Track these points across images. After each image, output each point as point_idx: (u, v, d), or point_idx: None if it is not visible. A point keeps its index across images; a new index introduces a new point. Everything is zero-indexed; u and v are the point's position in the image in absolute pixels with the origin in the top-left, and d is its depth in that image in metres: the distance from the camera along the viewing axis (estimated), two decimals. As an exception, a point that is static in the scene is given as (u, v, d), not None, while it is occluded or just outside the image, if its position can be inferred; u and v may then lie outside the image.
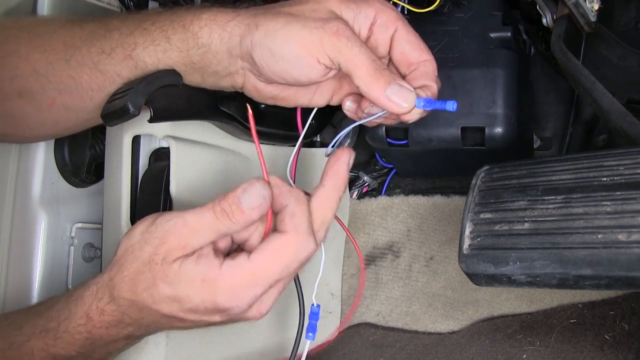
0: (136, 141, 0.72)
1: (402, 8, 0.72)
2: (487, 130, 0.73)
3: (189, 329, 0.58)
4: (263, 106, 0.74)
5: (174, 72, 0.63)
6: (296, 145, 0.64)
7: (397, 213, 0.89)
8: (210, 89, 0.65)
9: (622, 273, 0.48)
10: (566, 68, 0.67)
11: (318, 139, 0.92)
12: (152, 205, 0.70)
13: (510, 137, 0.74)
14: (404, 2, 0.71)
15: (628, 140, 0.59)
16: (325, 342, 0.86)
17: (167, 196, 0.69)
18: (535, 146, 0.88)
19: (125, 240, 0.56)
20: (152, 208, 0.70)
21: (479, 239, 0.57)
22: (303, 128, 0.64)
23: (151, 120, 0.62)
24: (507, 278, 0.55)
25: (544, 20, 0.73)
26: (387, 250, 0.89)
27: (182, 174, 0.69)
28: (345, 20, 0.57)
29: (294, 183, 0.62)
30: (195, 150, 0.71)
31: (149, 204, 0.70)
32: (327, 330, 0.86)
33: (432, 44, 0.77)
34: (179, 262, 0.53)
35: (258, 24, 0.57)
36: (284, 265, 0.54)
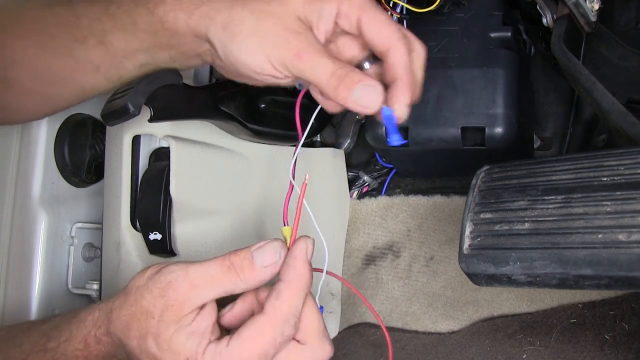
0: (136, 141, 0.72)
1: (402, 8, 0.72)
2: (487, 130, 0.73)
3: None
4: (263, 106, 0.74)
5: (174, 72, 0.63)
6: (296, 147, 0.63)
7: (397, 213, 0.89)
8: (208, 88, 0.65)
9: (622, 273, 0.48)
10: (566, 68, 0.67)
11: (318, 139, 0.92)
12: (152, 205, 0.70)
13: (510, 137, 0.74)
14: (404, 2, 0.71)
15: (628, 140, 0.59)
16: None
17: (167, 196, 0.69)
18: (535, 146, 0.88)
19: (136, 278, 0.55)
20: (152, 208, 0.70)
21: (479, 239, 0.57)
22: (303, 131, 0.63)
23: (151, 120, 0.62)
24: (507, 278, 0.55)
25: (544, 20, 0.73)
26: (387, 250, 0.89)
27: (182, 174, 0.69)
28: (309, 22, 0.56)
29: (294, 179, 0.61)
30: (195, 150, 0.71)
31: (149, 204, 0.70)
32: (328, 330, 0.86)
33: (432, 44, 0.77)
34: (174, 328, 0.51)
35: (225, 26, 0.57)
36: (261, 351, 0.51)
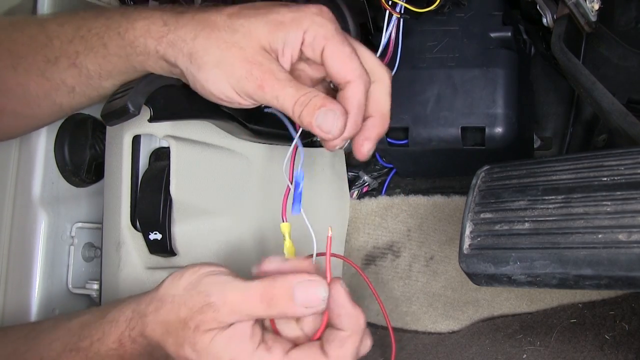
0: (136, 141, 0.72)
1: (402, 8, 0.72)
2: (487, 130, 0.73)
3: None
4: (263, 106, 0.74)
5: (174, 72, 0.63)
6: (292, 147, 0.63)
7: (397, 213, 0.89)
8: None
9: (622, 273, 0.48)
10: (566, 68, 0.67)
11: (318, 139, 0.92)
12: (152, 205, 0.70)
13: (510, 137, 0.74)
14: (404, 2, 0.71)
15: (628, 140, 0.59)
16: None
17: (167, 196, 0.69)
18: (535, 146, 0.88)
19: (170, 283, 0.55)
20: (152, 208, 0.70)
21: (479, 239, 0.57)
22: (296, 131, 0.63)
23: (151, 119, 0.62)
24: (507, 278, 0.55)
25: (544, 20, 0.73)
26: (387, 250, 0.89)
27: (182, 174, 0.69)
28: (274, 50, 0.56)
29: (291, 183, 0.61)
30: (195, 150, 0.71)
31: (149, 204, 0.70)
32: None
33: (432, 44, 0.77)
34: (211, 335, 0.52)
35: (191, 56, 0.57)
36: None
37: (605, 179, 0.53)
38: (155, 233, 0.70)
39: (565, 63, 0.66)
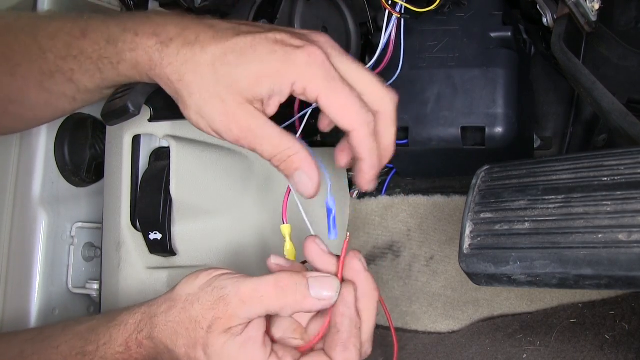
0: (136, 141, 0.72)
1: (402, 7, 0.72)
2: (487, 130, 0.73)
3: None
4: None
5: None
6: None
7: (397, 213, 0.89)
8: None
9: (623, 273, 0.48)
10: (566, 68, 0.67)
11: (318, 139, 0.92)
12: (152, 204, 0.70)
13: (510, 137, 0.74)
14: (404, 2, 0.71)
15: (628, 140, 0.59)
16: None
17: (167, 196, 0.69)
18: (535, 146, 0.88)
19: (185, 283, 0.55)
20: (152, 207, 0.70)
21: (479, 239, 0.57)
22: (297, 130, 0.63)
23: (151, 119, 0.62)
24: (507, 278, 0.55)
25: (545, 20, 0.73)
26: (387, 250, 0.89)
27: (182, 174, 0.69)
28: (259, 99, 0.55)
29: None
30: (195, 149, 0.71)
31: (149, 204, 0.70)
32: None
33: (432, 44, 0.77)
34: (225, 339, 0.52)
35: (177, 94, 0.57)
36: None
37: (605, 179, 0.53)
38: (155, 233, 0.70)
39: (565, 63, 0.66)
